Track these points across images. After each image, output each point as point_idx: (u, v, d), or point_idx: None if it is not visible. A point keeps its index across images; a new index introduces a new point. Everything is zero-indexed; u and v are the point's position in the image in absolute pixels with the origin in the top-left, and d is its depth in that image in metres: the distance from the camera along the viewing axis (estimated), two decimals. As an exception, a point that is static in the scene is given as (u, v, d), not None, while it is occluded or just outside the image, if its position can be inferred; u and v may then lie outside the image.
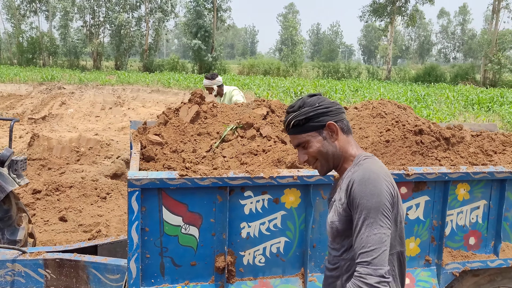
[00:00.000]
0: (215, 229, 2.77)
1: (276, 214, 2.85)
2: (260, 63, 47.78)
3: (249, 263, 2.87)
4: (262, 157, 3.58)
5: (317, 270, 2.96)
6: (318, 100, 1.92)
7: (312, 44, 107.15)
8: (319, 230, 2.92)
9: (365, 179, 1.75)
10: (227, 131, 4.02)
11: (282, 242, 2.90)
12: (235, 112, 4.35)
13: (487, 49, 41.67)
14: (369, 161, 1.87)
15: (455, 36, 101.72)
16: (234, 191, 2.77)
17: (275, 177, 2.74)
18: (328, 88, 24.63)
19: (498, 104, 19.56)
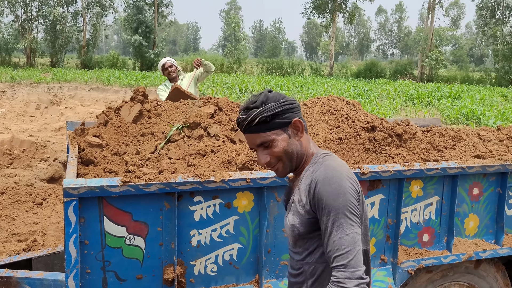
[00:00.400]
0: (163, 238, 2.56)
1: (228, 220, 2.68)
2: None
3: (200, 273, 2.68)
4: (211, 158, 3.39)
5: (272, 276, 2.82)
6: (280, 96, 1.79)
7: (255, 41, 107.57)
8: (274, 235, 2.78)
9: (328, 178, 1.68)
10: (172, 131, 3.80)
11: (235, 249, 2.73)
12: (181, 110, 4.13)
13: (424, 45, 43.37)
14: (329, 158, 1.80)
15: (392, 33, 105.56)
16: (183, 197, 2.57)
17: (227, 181, 2.56)
18: (273, 84, 24.70)
19: (436, 99, 20.35)
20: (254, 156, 3.05)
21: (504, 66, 40.53)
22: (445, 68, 46.85)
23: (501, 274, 3.58)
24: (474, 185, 3.27)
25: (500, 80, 39.84)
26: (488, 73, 43.99)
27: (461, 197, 3.23)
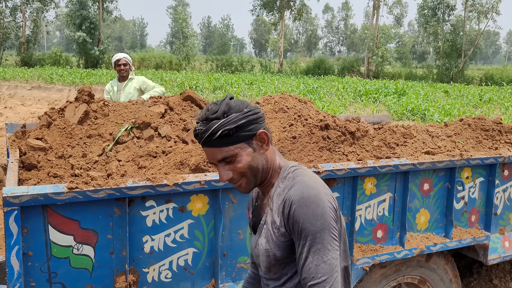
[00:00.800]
0: (114, 246, 2.43)
1: (182, 224, 2.58)
2: (151, 57, 46.40)
3: (154, 280, 2.58)
4: (163, 160, 3.28)
5: (228, 280, 2.76)
6: (243, 104, 1.58)
7: (203, 38, 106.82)
8: (229, 237, 2.71)
9: (304, 198, 1.49)
10: (121, 132, 3.65)
11: (190, 254, 2.65)
12: (129, 110, 3.97)
13: (370, 42, 44.52)
14: (300, 172, 1.62)
15: (339, 31, 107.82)
16: (134, 202, 2.45)
17: (180, 184, 2.47)
18: (223, 81, 24.56)
19: (383, 95, 20.91)
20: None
21: (445, 63, 42.29)
22: (390, 65, 48.32)
23: (450, 266, 3.69)
24: (425, 181, 3.34)
25: (441, 76, 41.54)
26: (431, 69, 45.75)
27: (412, 192, 3.29)
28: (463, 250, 3.78)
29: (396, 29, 75.26)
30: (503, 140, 4.00)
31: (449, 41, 43.02)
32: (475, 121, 4.14)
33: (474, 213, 3.65)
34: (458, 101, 19.59)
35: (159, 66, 43.78)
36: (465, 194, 3.56)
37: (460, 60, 42.09)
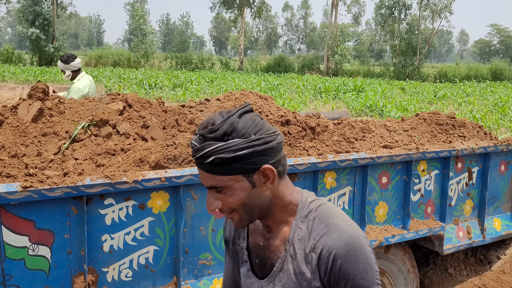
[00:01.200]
0: (71, 246, 2.36)
1: (142, 221, 2.54)
2: (108, 54, 45.41)
3: (114, 280, 2.52)
4: (122, 157, 3.21)
5: (191, 277, 2.73)
6: (254, 128, 1.28)
7: (163, 35, 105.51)
8: (191, 234, 2.69)
9: (352, 251, 1.27)
10: (78, 130, 3.55)
11: (151, 251, 2.61)
12: (86, 108, 3.87)
13: (329, 40, 45.16)
14: (328, 211, 1.36)
15: (299, 29, 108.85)
16: (92, 200, 2.39)
17: (140, 181, 2.43)
18: (183, 79, 24.33)
19: (342, 92, 21.26)
20: (168, 154, 2.94)
21: (401, 61, 43.46)
22: (349, 63, 49.20)
23: (408, 256, 3.79)
24: (383, 174, 3.42)
25: (398, 74, 42.68)
26: (387, 67, 46.91)
27: (371, 186, 3.36)
28: (420, 241, 3.89)
29: (354, 27, 76.70)
30: (456, 134, 4.14)
31: (405, 39, 44.24)
32: (430, 116, 4.26)
33: (430, 205, 3.76)
34: (414, 97, 20.16)
35: (117, 64, 42.94)
36: (421, 187, 3.66)
37: (416, 58, 43.33)
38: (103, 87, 20.91)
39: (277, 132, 1.32)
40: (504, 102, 17.54)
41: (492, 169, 4.05)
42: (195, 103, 4.30)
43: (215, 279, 2.80)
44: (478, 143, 3.90)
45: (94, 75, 26.39)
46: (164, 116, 3.75)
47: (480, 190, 4.05)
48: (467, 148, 3.76)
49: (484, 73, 41.77)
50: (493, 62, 50.89)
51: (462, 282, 4.20)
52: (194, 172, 2.60)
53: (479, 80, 37.56)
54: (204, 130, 1.27)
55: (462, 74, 41.10)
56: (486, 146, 3.90)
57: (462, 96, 21.26)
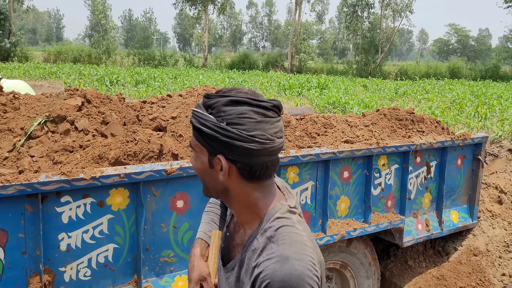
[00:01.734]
0: (26, 245, 2.28)
1: (101, 219, 2.48)
2: (68, 50, 44.23)
3: (72, 279, 2.45)
4: (80, 154, 3.12)
5: (152, 275, 2.69)
6: (233, 119, 1.24)
7: (125, 31, 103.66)
8: (152, 231, 2.64)
9: (284, 283, 1.17)
10: (34, 126, 3.43)
11: (111, 250, 2.55)
12: (42, 103, 3.75)
13: (293, 38, 45.45)
14: (285, 236, 1.27)
15: (263, 26, 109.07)
16: (48, 198, 2.31)
17: (98, 177, 2.37)
18: (146, 76, 23.97)
19: (306, 89, 21.45)
20: (128, 150, 2.87)
21: (363, 59, 44.23)
22: (312, 60, 49.69)
23: (369, 249, 3.86)
24: (345, 169, 3.46)
25: (360, 71, 43.42)
26: (350, 65, 47.64)
27: (333, 180, 3.39)
28: (380, 234, 3.96)
29: (318, 25, 77.46)
30: (415, 129, 4.24)
31: (368, 38, 45.02)
32: (390, 111, 4.35)
33: (390, 199, 3.83)
34: (376, 94, 20.56)
35: (78, 60, 41.90)
36: (382, 181, 3.73)
37: (378, 56, 44.19)
38: (62, 84, 20.36)
39: (264, 141, 1.25)
40: (461, 99, 18.11)
41: (449, 163, 4.17)
42: (157, 99, 4.23)
43: (177, 276, 2.76)
44: (436, 138, 4.00)
45: (53, 71, 25.67)
46: (124, 112, 3.67)
47: (438, 183, 4.16)
48: (426, 142, 3.86)
49: (443, 71, 43.01)
50: (451, 60, 52.46)
51: (422, 274, 4.31)
52: (154, 168, 2.56)
53: (438, 78, 38.65)
54: (204, 97, 1.30)
55: (422, 72, 42.18)
56: (444, 140, 4.00)
57: (421, 93, 21.82)
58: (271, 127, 1.27)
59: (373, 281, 3.94)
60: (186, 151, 3.32)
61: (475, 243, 4.40)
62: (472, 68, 45.53)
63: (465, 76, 42.24)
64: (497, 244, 4.39)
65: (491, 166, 7.76)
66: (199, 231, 1.68)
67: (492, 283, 4.10)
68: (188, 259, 1.67)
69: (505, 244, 4.40)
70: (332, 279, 3.91)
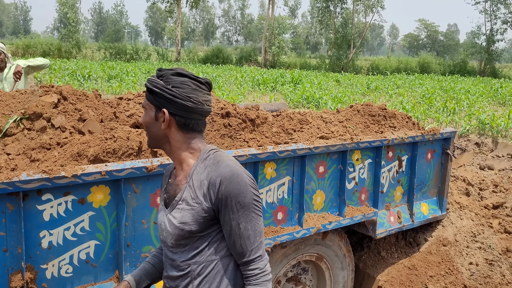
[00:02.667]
0: (8, 243, 2.29)
1: (82, 216, 2.51)
2: (37, 43, 43.20)
3: (54, 276, 2.48)
4: (58, 152, 3.12)
5: (133, 270, 2.72)
6: (176, 84, 1.72)
7: (95, 24, 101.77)
8: (133, 227, 2.68)
9: (234, 176, 1.67)
10: (9, 124, 3.40)
11: (92, 246, 2.58)
12: (17, 100, 3.72)
13: (266, 32, 45.51)
14: (221, 155, 1.77)
15: (236, 20, 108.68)
16: (29, 196, 2.33)
17: (80, 175, 2.39)
18: (119, 70, 23.66)
19: (280, 84, 21.55)
20: (107, 148, 2.89)
21: (335, 54, 44.64)
22: (286, 55, 49.86)
23: (344, 242, 3.98)
24: (320, 164, 3.56)
25: (333, 66, 43.81)
26: (323, 59, 48.01)
27: (309, 175, 3.49)
28: (354, 227, 4.09)
29: (291, 20, 77.70)
30: (387, 124, 4.37)
31: (340, 32, 45.42)
32: (363, 107, 4.47)
33: (364, 192, 3.96)
34: (348, 89, 20.83)
35: (47, 54, 40.96)
36: (356, 175, 3.85)
37: (350, 51, 44.67)
38: (32, 78, 19.91)
39: (197, 103, 1.72)
40: (430, 94, 18.53)
41: (419, 157, 4.32)
42: (133, 95, 4.23)
43: (158, 271, 2.81)
44: (407, 133, 4.14)
45: (22, 66, 25.03)
46: (101, 109, 3.68)
47: (409, 177, 4.31)
48: (397, 137, 3.99)
49: (413, 66, 43.81)
50: (421, 55, 53.48)
51: (394, 264, 4.46)
52: (135, 166, 2.59)
53: (408, 72, 39.37)
54: (158, 70, 1.77)
55: (393, 67, 42.87)
56: (414, 135, 4.15)
57: (393, 88, 22.22)
58: (203, 95, 1.75)
59: (347, 272, 4.07)
60: (164, 147, 3.36)
61: (444, 234, 4.58)
62: (441, 63, 46.54)
63: (434, 71, 43.15)
64: (464, 234, 4.58)
65: (459, 160, 8.03)
66: (129, 275, 2.01)
67: (460, 271, 4.28)
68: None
69: (472, 234, 4.59)
70: (308, 271, 4.02)
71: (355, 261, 4.48)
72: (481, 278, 4.23)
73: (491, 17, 45.49)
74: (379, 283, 4.31)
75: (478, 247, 4.49)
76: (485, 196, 5.45)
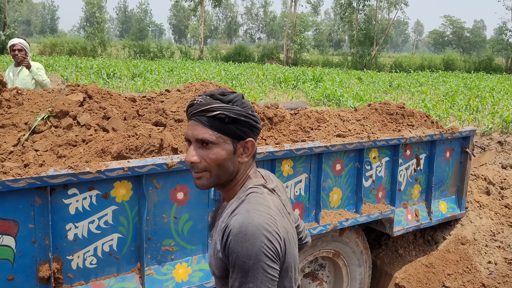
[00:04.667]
0: (36, 235, 2.42)
1: (106, 210, 2.62)
2: (63, 42, 44.12)
3: (79, 267, 2.60)
4: (83, 148, 3.26)
5: (154, 263, 2.84)
6: (250, 109, 1.55)
7: (120, 23, 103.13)
8: (154, 221, 2.79)
9: (242, 234, 1.40)
10: (37, 121, 3.55)
11: (115, 239, 2.69)
12: (45, 99, 3.88)
13: (289, 30, 45.45)
14: (251, 199, 1.51)
15: (259, 18, 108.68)
16: (56, 190, 2.45)
17: (103, 171, 2.51)
18: (142, 68, 24.00)
19: (301, 82, 21.56)
20: (130, 145, 3.01)
21: (358, 51, 44.30)
22: (308, 52, 49.70)
23: (361, 239, 4.02)
24: (337, 162, 3.61)
25: (355, 64, 43.52)
26: (346, 57, 47.73)
27: (326, 173, 3.54)
28: (372, 224, 4.13)
29: (314, 17, 77.32)
30: (405, 123, 4.39)
31: (363, 30, 45.05)
32: (381, 106, 4.49)
33: (381, 190, 3.99)
34: (370, 87, 20.70)
35: (73, 52, 41.79)
36: (373, 173, 3.88)
37: (373, 48, 44.26)
38: (59, 77, 20.38)
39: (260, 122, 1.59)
40: (454, 92, 18.28)
41: (438, 156, 4.32)
42: (156, 94, 4.35)
43: (178, 264, 2.92)
44: (425, 131, 4.15)
45: (49, 64, 25.66)
46: (124, 107, 3.80)
47: (427, 175, 4.32)
48: (415, 136, 4.01)
49: (437, 63, 43.21)
50: (446, 52, 52.65)
51: (411, 262, 4.48)
52: (156, 162, 2.70)
53: (432, 70, 38.83)
54: (215, 92, 1.53)
55: (416, 64, 42.36)
56: (433, 134, 4.16)
57: (415, 86, 21.98)
58: None
59: (364, 269, 4.11)
60: (185, 145, 3.46)
61: (463, 232, 4.58)
62: (466, 60, 45.76)
63: (459, 68, 42.45)
64: (483, 233, 4.57)
65: (481, 158, 7.94)
66: None
67: (479, 270, 4.28)
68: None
69: (491, 233, 4.58)
70: (326, 267, 4.08)
71: (372, 258, 4.52)
72: (499, 277, 4.22)
73: (518, 13, 44.39)
74: (396, 280, 4.34)
75: (497, 246, 4.47)
76: (506, 195, 5.40)
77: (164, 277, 2.85)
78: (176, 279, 2.89)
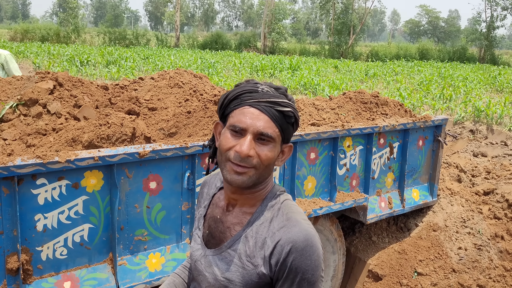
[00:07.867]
0: (3, 226, 2.37)
1: (76, 200, 2.58)
2: (35, 28, 42.97)
3: (49, 258, 2.56)
4: (53, 137, 3.19)
5: (126, 253, 2.81)
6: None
7: (94, 9, 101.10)
8: (126, 211, 2.76)
9: (308, 247, 1.32)
10: (5, 110, 3.46)
11: (86, 229, 2.65)
12: (13, 87, 3.77)
13: (266, 18, 45.26)
14: (291, 208, 1.43)
15: (236, 6, 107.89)
16: (24, 180, 2.39)
17: (73, 160, 2.46)
18: (117, 56, 23.59)
19: (278, 70, 21.54)
20: (101, 134, 2.96)
21: (335, 40, 44.45)
22: (285, 40, 49.64)
23: (335, 226, 4.06)
24: (311, 150, 3.62)
25: (332, 53, 43.66)
26: (323, 46, 47.81)
27: (300, 161, 3.55)
28: (346, 212, 4.17)
29: (291, 5, 77.18)
30: (379, 111, 4.43)
31: (340, 18, 45.17)
32: (356, 95, 4.52)
33: (355, 178, 4.03)
34: (347, 76, 20.83)
35: (45, 39, 40.78)
36: (347, 161, 3.91)
37: (350, 37, 44.47)
38: (30, 64, 19.89)
39: None
40: (428, 81, 18.54)
41: (411, 144, 4.38)
42: (129, 82, 4.28)
43: (151, 254, 2.89)
44: (398, 120, 4.20)
45: (20, 51, 25.00)
46: (96, 95, 3.73)
47: (400, 163, 4.38)
48: (389, 125, 4.05)
49: (413, 53, 43.67)
50: (421, 42, 53.26)
51: (384, 248, 4.55)
52: (127, 151, 2.65)
53: (407, 59, 39.26)
54: (273, 86, 1.40)
55: (392, 53, 42.74)
56: (406, 123, 4.21)
57: (391, 75, 22.21)
58: None
59: (338, 256, 4.16)
60: (158, 134, 3.42)
61: (435, 219, 4.67)
62: (440, 49, 46.36)
63: (434, 57, 43.02)
64: (454, 220, 4.67)
65: (453, 146, 8.10)
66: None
67: (449, 256, 4.38)
68: None
69: (462, 220, 4.68)
70: (300, 255, 4.10)
71: (346, 246, 4.57)
72: (469, 262, 4.32)
73: (491, 4, 45.21)
74: (370, 266, 4.40)
75: (468, 233, 4.58)
76: (476, 182, 5.53)
77: (137, 267, 2.83)
78: (150, 269, 2.87)
